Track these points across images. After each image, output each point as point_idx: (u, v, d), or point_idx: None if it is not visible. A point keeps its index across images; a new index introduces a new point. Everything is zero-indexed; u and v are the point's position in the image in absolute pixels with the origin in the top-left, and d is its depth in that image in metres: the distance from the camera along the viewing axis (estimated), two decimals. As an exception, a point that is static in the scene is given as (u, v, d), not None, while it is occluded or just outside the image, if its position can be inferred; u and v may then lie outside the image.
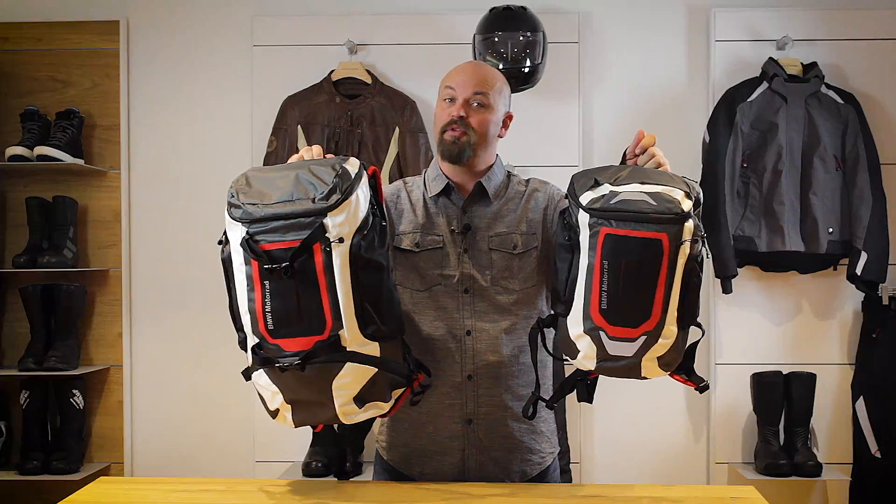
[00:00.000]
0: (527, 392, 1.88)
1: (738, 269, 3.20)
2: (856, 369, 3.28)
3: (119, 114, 3.46)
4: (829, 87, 3.22)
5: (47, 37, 3.46)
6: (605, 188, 1.57)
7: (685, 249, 1.53)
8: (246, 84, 3.43)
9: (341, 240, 1.50)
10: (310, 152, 1.72)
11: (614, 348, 1.56)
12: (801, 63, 3.23)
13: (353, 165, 1.58)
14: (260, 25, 3.40)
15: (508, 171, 2.00)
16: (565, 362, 1.69)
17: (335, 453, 3.20)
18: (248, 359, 1.58)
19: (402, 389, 1.68)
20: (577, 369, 1.69)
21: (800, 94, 3.16)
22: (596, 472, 3.37)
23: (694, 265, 1.56)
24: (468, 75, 1.88)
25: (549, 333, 1.80)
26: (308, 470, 3.11)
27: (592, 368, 1.61)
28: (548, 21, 3.24)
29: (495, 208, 1.92)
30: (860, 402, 3.22)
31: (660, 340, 1.55)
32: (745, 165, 3.19)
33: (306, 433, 3.24)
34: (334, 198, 1.50)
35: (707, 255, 1.62)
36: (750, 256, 3.23)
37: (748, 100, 3.20)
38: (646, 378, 1.62)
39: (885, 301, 3.19)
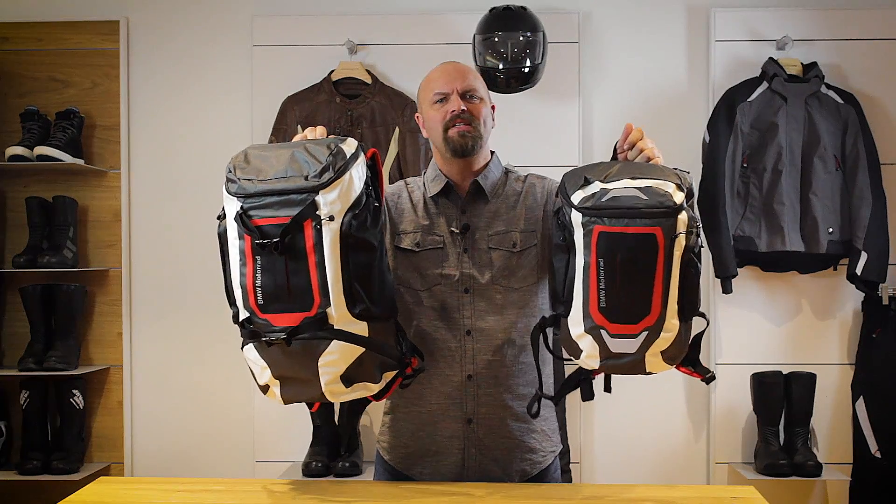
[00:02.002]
0: (527, 391, 1.88)
1: (738, 269, 3.20)
2: (856, 369, 3.28)
3: (119, 114, 3.46)
4: (829, 87, 3.22)
5: (47, 37, 3.46)
6: (596, 186, 1.57)
7: (680, 242, 1.53)
8: (246, 84, 3.43)
9: (332, 218, 1.51)
10: (314, 132, 1.73)
11: (617, 346, 1.55)
12: (801, 63, 3.23)
13: (349, 146, 1.59)
14: (260, 25, 3.40)
15: (506, 168, 2.00)
16: (567, 362, 1.69)
17: (334, 451, 3.20)
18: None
19: (395, 373, 1.68)
20: (580, 367, 1.69)
21: (800, 94, 3.16)
22: (596, 472, 3.37)
23: (691, 256, 1.55)
24: (451, 74, 1.90)
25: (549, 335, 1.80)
26: (308, 470, 3.11)
27: (597, 367, 1.61)
28: (548, 21, 3.24)
29: (494, 207, 1.92)
30: (860, 402, 3.22)
31: (662, 335, 1.55)
32: (745, 165, 3.19)
33: (306, 433, 3.24)
34: (326, 176, 1.52)
35: (702, 244, 1.61)
36: (750, 256, 3.23)
37: (748, 100, 3.20)
38: (651, 373, 1.62)
39: (885, 301, 3.19)
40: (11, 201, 3.46)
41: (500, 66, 3.09)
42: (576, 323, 1.59)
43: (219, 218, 1.62)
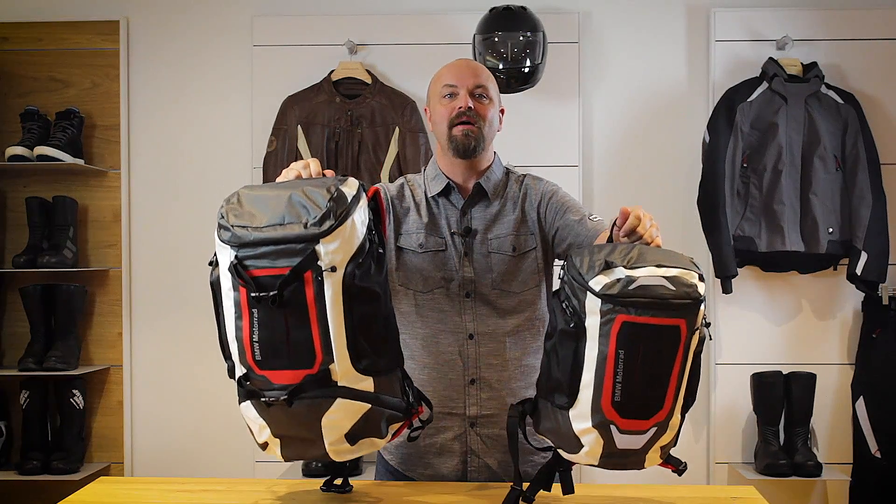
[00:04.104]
0: (529, 394, 1.86)
1: (738, 269, 3.20)
2: (856, 369, 3.28)
3: (119, 114, 3.46)
4: (829, 87, 3.22)
5: (47, 37, 3.46)
6: (620, 272, 1.41)
7: (698, 335, 1.44)
8: (246, 84, 3.43)
9: (334, 268, 1.39)
10: (307, 168, 1.61)
11: (623, 442, 1.44)
12: (801, 63, 3.23)
13: (350, 187, 1.47)
14: (260, 25, 3.40)
15: (507, 169, 2.00)
16: (551, 449, 1.59)
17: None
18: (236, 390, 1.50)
19: (400, 423, 1.59)
20: (556, 457, 1.58)
21: (800, 94, 3.16)
22: (596, 472, 3.37)
23: (700, 349, 1.48)
24: (464, 70, 1.89)
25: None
26: (308, 470, 3.11)
27: (595, 464, 1.48)
28: (548, 21, 3.24)
29: (495, 210, 1.91)
30: (860, 402, 3.22)
31: (668, 430, 1.47)
32: (745, 165, 3.19)
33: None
34: (328, 223, 1.40)
35: (710, 337, 1.51)
36: (750, 256, 3.23)
37: (748, 100, 3.20)
38: (644, 468, 1.52)
39: (885, 301, 3.18)
40: (11, 201, 3.46)
41: (500, 66, 3.09)
42: (582, 417, 1.45)
43: (210, 264, 1.51)
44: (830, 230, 3.14)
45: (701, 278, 1.44)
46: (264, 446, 1.55)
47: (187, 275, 3.44)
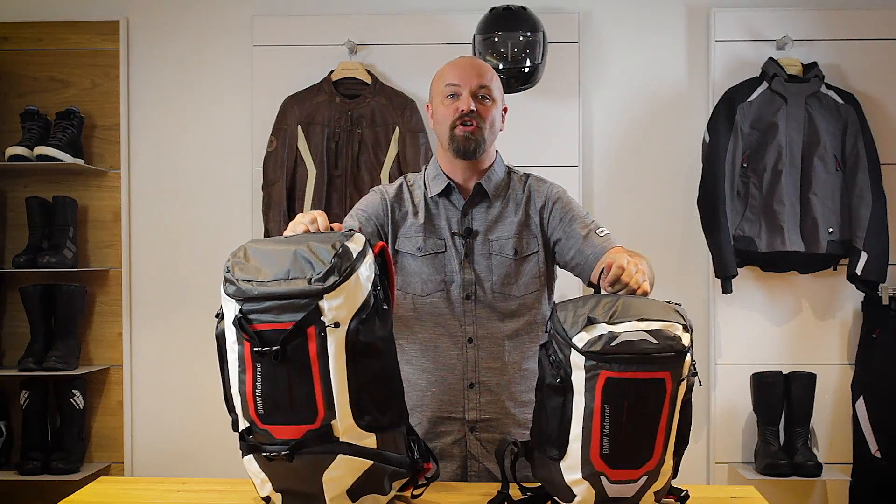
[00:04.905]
0: (529, 398, 1.84)
1: (738, 269, 3.20)
2: (856, 369, 3.28)
3: (119, 114, 3.46)
4: (829, 87, 3.22)
5: (47, 37, 3.46)
6: (603, 328, 1.42)
7: (685, 384, 1.45)
8: (246, 84, 3.43)
9: (337, 324, 1.39)
10: (315, 223, 1.62)
11: (615, 491, 1.45)
12: (801, 63, 3.23)
13: (356, 243, 1.47)
14: (260, 25, 3.40)
15: (509, 168, 1.99)
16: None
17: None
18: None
19: (406, 480, 1.58)
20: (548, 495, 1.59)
21: (800, 94, 3.16)
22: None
23: (689, 396, 1.49)
24: (467, 69, 1.87)
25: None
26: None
27: None
28: (548, 21, 3.24)
29: (496, 211, 1.91)
30: (860, 402, 3.22)
31: (659, 477, 1.48)
32: (744, 165, 3.19)
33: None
34: (332, 279, 1.39)
35: (699, 383, 1.53)
36: (750, 256, 3.23)
37: (748, 100, 3.20)
38: None
39: (885, 301, 3.18)
40: (11, 201, 3.46)
41: (500, 66, 3.09)
42: (572, 469, 1.46)
43: (217, 317, 1.52)
44: (830, 230, 3.14)
45: (686, 328, 1.44)
46: (266, 500, 1.55)
47: (187, 275, 3.45)
